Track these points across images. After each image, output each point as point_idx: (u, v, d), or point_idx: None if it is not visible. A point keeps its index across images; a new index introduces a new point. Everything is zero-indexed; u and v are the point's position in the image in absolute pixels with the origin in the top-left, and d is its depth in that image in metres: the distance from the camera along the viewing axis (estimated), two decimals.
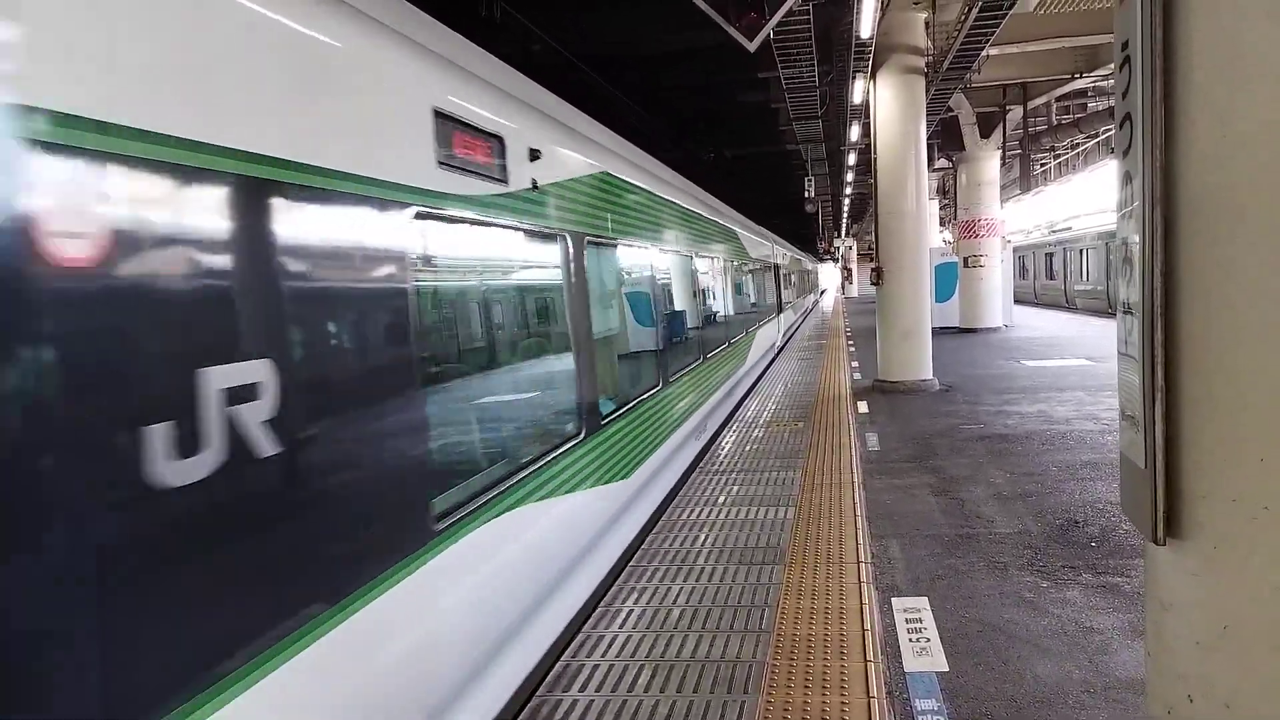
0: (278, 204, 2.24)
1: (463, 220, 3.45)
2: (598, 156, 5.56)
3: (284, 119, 2.30)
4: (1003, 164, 24.86)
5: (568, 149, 4.90)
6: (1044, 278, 36.39)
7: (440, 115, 3.24)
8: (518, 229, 4.14)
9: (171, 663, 1.83)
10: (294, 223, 2.31)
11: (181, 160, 1.91)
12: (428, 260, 3.25)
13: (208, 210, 2.00)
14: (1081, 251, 30.77)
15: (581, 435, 4.76)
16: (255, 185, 2.15)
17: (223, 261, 2.05)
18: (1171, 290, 1.57)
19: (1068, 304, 32.36)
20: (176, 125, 1.90)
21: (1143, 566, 1.84)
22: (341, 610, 2.38)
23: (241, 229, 2.11)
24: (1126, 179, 1.69)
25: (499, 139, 3.80)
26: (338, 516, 2.45)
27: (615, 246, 6.04)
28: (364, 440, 2.61)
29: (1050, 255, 35.57)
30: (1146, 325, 1.60)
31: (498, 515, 3.50)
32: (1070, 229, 35.25)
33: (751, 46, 5.96)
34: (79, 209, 1.67)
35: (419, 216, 3.01)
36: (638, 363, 7.08)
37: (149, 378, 1.83)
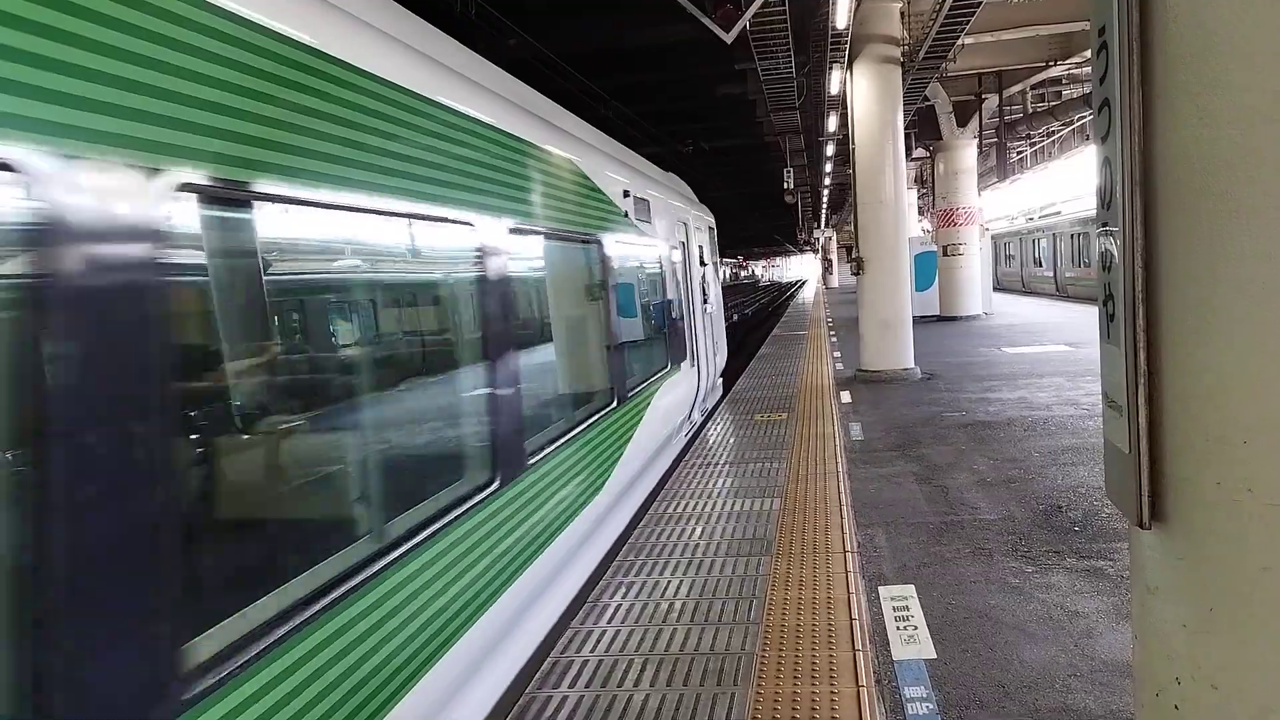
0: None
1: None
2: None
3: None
4: (980, 152, 25.01)
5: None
6: (1031, 265, 33.67)
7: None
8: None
9: None
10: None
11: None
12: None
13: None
14: (1074, 237, 28.38)
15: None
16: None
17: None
18: (1152, 276, 1.57)
19: (1059, 291, 29.71)
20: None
21: (1129, 551, 1.85)
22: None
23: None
24: (1105, 164, 1.69)
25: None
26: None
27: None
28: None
29: (1038, 241, 32.87)
30: (1128, 311, 1.60)
31: None
32: (1060, 213, 32.59)
33: (728, 38, 5.95)
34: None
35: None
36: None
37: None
